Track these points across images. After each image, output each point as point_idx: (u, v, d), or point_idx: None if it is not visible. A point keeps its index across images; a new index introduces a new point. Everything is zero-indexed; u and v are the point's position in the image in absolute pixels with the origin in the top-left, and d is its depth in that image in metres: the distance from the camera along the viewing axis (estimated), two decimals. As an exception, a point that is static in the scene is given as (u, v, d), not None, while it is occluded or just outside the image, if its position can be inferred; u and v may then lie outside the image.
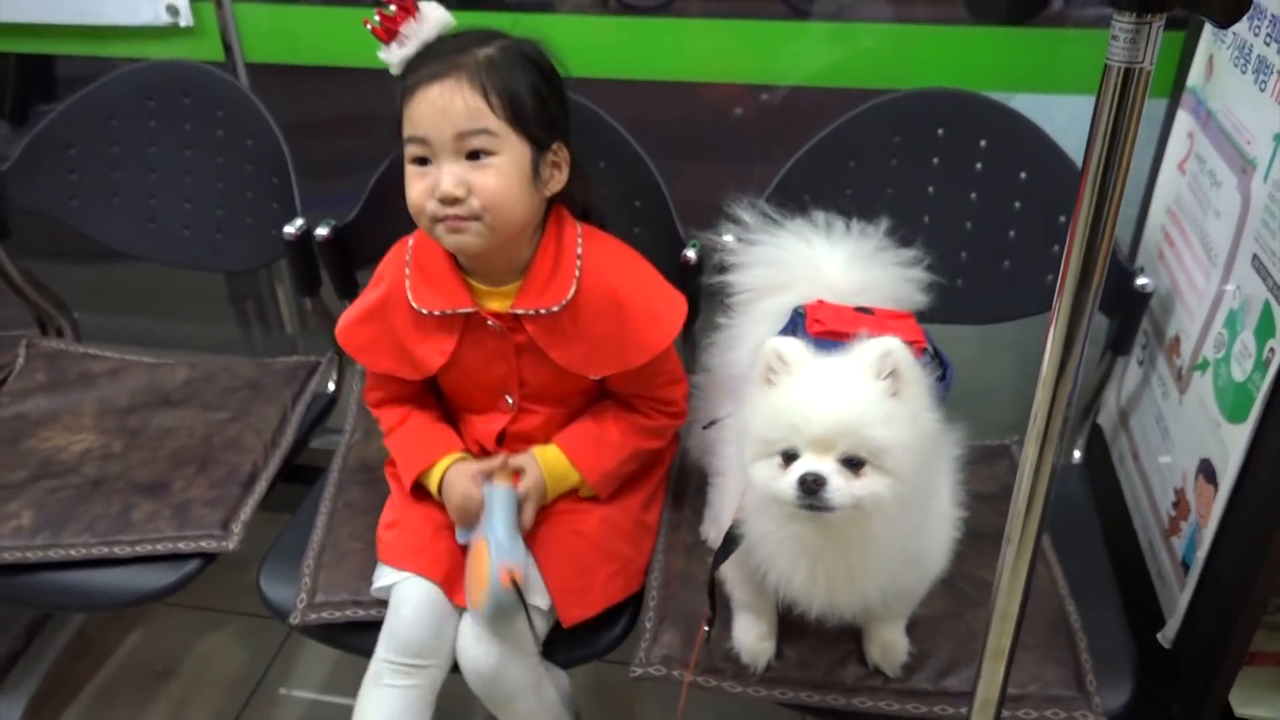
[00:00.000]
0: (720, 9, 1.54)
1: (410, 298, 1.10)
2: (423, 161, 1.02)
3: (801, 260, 1.07)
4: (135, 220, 1.51)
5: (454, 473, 1.12)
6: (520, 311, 1.08)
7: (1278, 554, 0.92)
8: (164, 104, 1.47)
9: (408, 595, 1.09)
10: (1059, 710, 0.99)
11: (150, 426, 1.38)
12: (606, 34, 1.51)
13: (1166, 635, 1.08)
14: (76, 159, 1.50)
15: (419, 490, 1.17)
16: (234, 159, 1.46)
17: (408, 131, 1.02)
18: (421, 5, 1.03)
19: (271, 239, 1.42)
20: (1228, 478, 0.98)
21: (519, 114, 1.02)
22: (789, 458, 0.85)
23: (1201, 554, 1.02)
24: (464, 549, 1.10)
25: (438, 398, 1.22)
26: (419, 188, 1.02)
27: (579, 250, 1.10)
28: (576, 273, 1.09)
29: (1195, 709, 1.03)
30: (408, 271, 1.11)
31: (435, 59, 1.01)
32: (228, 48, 1.59)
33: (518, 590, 1.02)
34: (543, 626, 1.09)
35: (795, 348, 0.87)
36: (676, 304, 1.13)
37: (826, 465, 0.83)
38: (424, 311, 1.09)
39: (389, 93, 1.07)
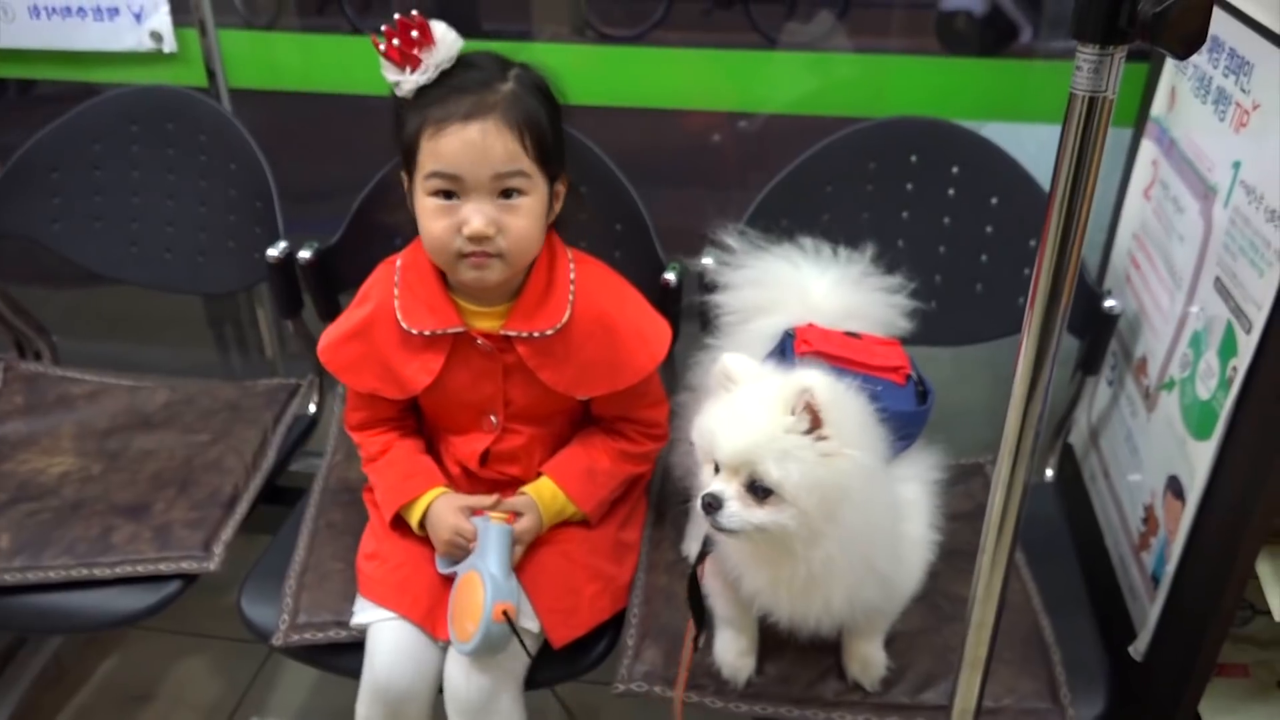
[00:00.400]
0: (697, 39, 1.57)
1: (400, 317, 1.10)
2: (446, 195, 1.02)
3: (787, 283, 1.10)
4: (117, 243, 1.52)
5: (440, 507, 1.12)
6: (512, 334, 1.10)
7: (1244, 567, 0.95)
8: (147, 128, 1.48)
9: (383, 638, 1.09)
10: (1034, 722, 1.01)
11: (130, 449, 1.38)
12: (585, 62, 1.54)
13: (1138, 648, 1.10)
14: (59, 183, 1.50)
15: (398, 521, 1.17)
16: (217, 183, 1.47)
17: (434, 166, 1.01)
18: (435, 31, 1.01)
19: (253, 262, 1.43)
20: (1194, 493, 1.01)
21: (544, 153, 1.03)
22: (718, 469, 0.88)
23: (1171, 568, 1.04)
24: (445, 579, 1.10)
25: (418, 420, 1.23)
26: (443, 224, 1.02)
27: (572, 275, 1.12)
28: (570, 297, 1.10)
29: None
30: (396, 291, 1.12)
31: (460, 93, 1.00)
32: (211, 73, 1.60)
33: (509, 622, 1.02)
34: (532, 649, 1.09)
35: (742, 365, 0.90)
36: (662, 328, 1.15)
37: (730, 488, 0.86)
38: (414, 332, 1.10)
39: (370, 119, 1.08)
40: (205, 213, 1.49)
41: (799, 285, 1.09)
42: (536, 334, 1.09)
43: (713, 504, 0.86)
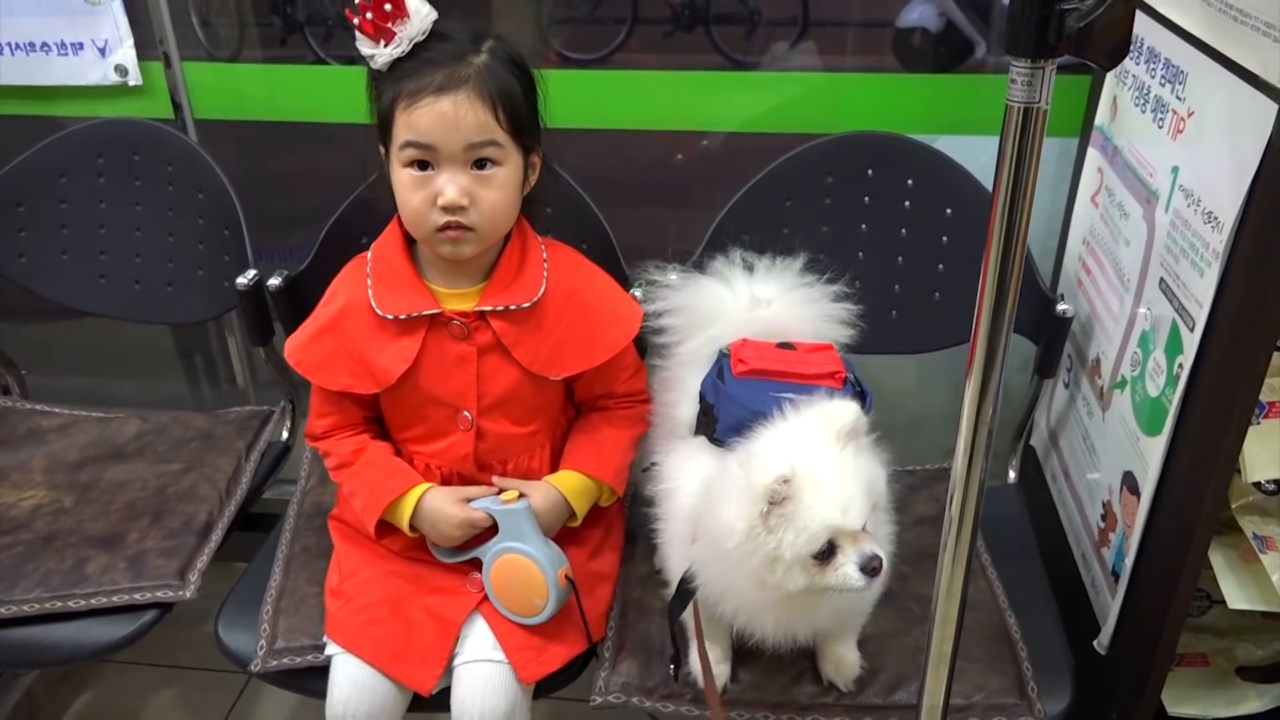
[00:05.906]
0: (658, 61, 1.61)
1: (374, 304, 1.11)
2: (421, 165, 1.04)
3: (718, 299, 1.12)
4: (86, 276, 1.52)
5: (436, 501, 1.12)
6: (487, 309, 1.10)
7: (1197, 558, 0.98)
8: (113, 160, 1.49)
9: (342, 672, 1.10)
10: (1003, 717, 1.03)
11: (102, 480, 1.38)
12: (548, 86, 1.57)
13: (1101, 642, 1.13)
14: (26, 216, 1.50)
15: (368, 546, 1.17)
16: (184, 212, 1.48)
17: (408, 135, 1.03)
18: (408, 4, 1.01)
19: (223, 291, 1.44)
20: (1148, 488, 1.04)
21: (517, 124, 1.05)
22: (823, 555, 0.89)
23: (1129, 562, 1.07)
24: (412, 621, 1.11)
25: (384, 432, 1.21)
26: (420, 196, 1.04)
27: (544, 256, 1.14)
28: (544, 274, 1.13)
29: (1131, 711, 1.08)
30: (369, 281, 1.13)
31: (434, 66, 1.02)
32: (177, 105, 1.61)
33: (570, 581, 1.09)
34: (504, 684, 1.09)
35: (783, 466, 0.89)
36: (633, 307, 1.18)
37: (870, 545, 0.89)
38: (389, 316, 1.10)
39: (337, 147, 1.10)
40: (174, 243, 1.50)
41: (727, 300, 1.12)
42: (513, 306, 1.10)
43: (880, 565, 0.89)
